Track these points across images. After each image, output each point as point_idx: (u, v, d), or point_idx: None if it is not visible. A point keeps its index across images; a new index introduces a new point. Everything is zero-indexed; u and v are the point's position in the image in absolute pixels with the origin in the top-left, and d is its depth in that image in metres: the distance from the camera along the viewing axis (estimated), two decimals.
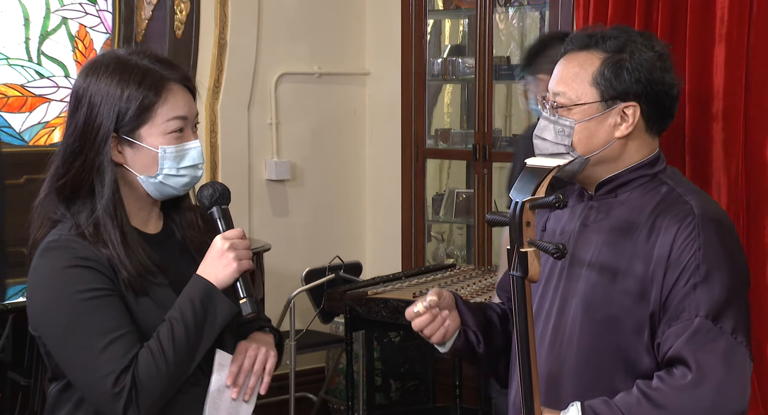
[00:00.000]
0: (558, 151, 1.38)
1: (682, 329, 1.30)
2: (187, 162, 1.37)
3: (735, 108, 2.67)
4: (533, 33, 3.66)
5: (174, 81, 1.37)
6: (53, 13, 3.38)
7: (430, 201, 3.75)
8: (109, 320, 1.30)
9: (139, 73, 1.35)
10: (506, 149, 3.51)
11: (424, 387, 3.45)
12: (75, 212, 1.36)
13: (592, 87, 1.36)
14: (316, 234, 3.72)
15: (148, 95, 1.34)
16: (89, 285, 1.31)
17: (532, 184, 1.21)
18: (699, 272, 1.31)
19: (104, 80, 1.35)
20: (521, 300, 1.22)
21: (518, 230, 1.20)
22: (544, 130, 1.40)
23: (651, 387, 1.30)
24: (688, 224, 1.34)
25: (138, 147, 1.35)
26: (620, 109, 1.37)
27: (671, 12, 2.76)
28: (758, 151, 2.65)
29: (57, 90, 3.42)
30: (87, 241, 1.34)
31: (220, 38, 3.44)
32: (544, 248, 1.19)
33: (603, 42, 1.38)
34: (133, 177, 1.37)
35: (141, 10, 3.44)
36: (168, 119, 1.35)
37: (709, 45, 2.69)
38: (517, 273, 1.21)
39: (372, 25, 3.80)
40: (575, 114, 1.37)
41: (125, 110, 1.34)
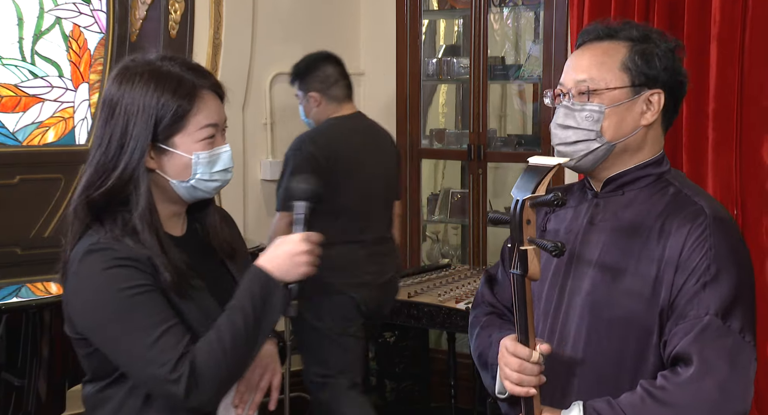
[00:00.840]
0: (585, 137, 1.36)
1: (689, 327, 1.30)
2: (219, 167, 1.40)
3: (728, 108, 2.67)
4: (528, 33, 3.67)
5: (206, 88, 1.40)
6: (47, 13, 3.37)
7: (425, 201, 3.75)
8: (155, 314, 1.31)
9: (173, 81, 1.37)
10: (501, 149, 3.51)
11: (419, 387, 3.45)
12: (108, 219, 1.37)
13: (622, 72, 1.37)
14: None
15: (183, 104, 1.36)
16: (131, 282, 1.32)
17: (533, 182, 1.21)
18: (709, 272, 1.32)
19: (139, 89, 1.36)
20: (521, 298, 1.22)
21: (519, 227, 1.20)
22: (566, 118, 1.38)
23: (655, 386, 1.30)
24: (699, 224, 1.34)
25: (172, 154, 1.38)
26: (647, 96, 1.38)
27: (668, 12, 2.77)
28: (754, 150, 2.66)
29: (51, 90, 3.40)
30: (125, 244, 1.35)
31: (214, 38, 3.44)
32: (543, 245, 1.19)
33: (622, 32, 1.39)
34: (165, 181, 1.39)
35: (135, 9, 3.44)
36: (201, 127, 1.38)
37: (705, 44, 2.70)
38: (518, 271, 1.21)
39: (367, 25, 3.80)
40: (605, 98, 1.36)
41: (161, 119, 1.36)
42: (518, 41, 3.71)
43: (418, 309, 2.87)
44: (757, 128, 2.63)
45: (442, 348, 3.57)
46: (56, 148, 3.40)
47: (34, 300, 2.40)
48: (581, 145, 1.37)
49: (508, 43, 3.73)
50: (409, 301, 2.91)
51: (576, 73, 1.38)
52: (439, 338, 3.66)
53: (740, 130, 2.66)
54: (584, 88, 1.37)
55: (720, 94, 2.66)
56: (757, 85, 2.62)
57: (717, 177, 2.67)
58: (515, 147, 3.47)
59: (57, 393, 2.30)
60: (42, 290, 2.59)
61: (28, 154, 3.31)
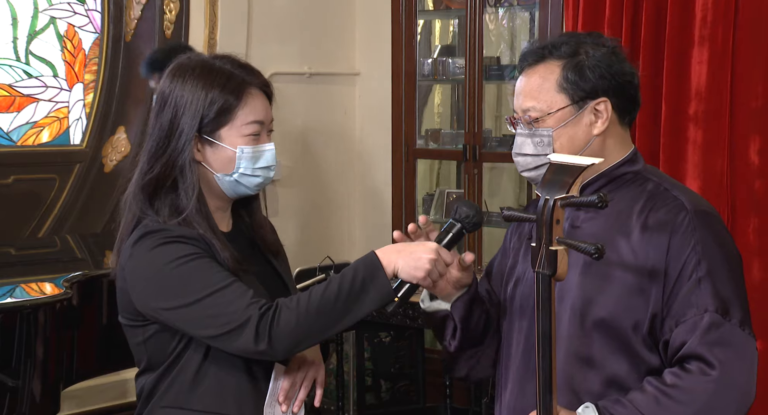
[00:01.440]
0: (542, 162, 1.40)
1: (692, 326, 1.31)
2: (262, 163, 1.44)
3: (720, 109, 2.68)
4: (523, 33, 3.67)
5: (254, 86, 1.44)
6: (41, 13, 3.36)
7: (421, 201, 3.75)
8: (214, 274, 1.35)
9: (222, 77, 1.42)
10: (496, 149, 3.52)
11: (414, 387, 3.45)
12: (158, 207, 1.41)
13: (559, 93, 1.39)
14: (307, 234, 3.71)
15: (230, 99, 1.41)
16: (184, 253, 1.36)
17: (564, 181, 1.20)
18: (700, 268, 1.33)
19: (189, 83, 1.42)
20: (546, 299, 1.20)
21: (549, 227, 1.18)
22: (522, 146, 1.43)
23: (667, 384, 1.31)
24: (682, 219, 1.35)
25: (217, 146, 1.42)
26: (592, 107, 1.39)
27: (655, 12, 2.78)
28: (743, 150, 2.67)
29: (45, 90, 3.40)
30: (177, 226, 1.39)
31: (209, 38, 3.44)
32: (581, 248, 1.17)
33: (556, 50, 1.41)
34: (210, 176, 1.43)
35: (130, 9, 3.43)
36: (246, 123, 1.42)
37: (687, 46, 2.71)
38: (546, 271, 1.19)
39: (362, 25, 3.80)
40: (550, 122, 1.39)
41: (207, 112, 1.41)
42: (513, 41, 3.71)
43: (414, 309, 2.87)
44: (746, 129, 2.65)
45: (437, 348, 3.57)
46: (51, 148, 3.39)
47: (29, 301, 2.39)
48: (542, 169, 1.39)
49: (504, 44, 3.73)
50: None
51: (521, 101, 1.43)
52: (434, 338, 3.66)
53: (731, 131, 2.67)
54: (528, 117, 1.41)
55: (710, 96, 2.67)
56: (747, 87, 2.63)
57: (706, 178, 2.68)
58: (510, 147, 3.47)
59: (51, 394, 2.29)
60: (36, 290, 2.58)
61: (22, 154, 3.31)
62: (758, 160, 2.62)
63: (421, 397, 3.45)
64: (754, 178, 2.63)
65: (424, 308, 1.49)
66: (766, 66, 2.60)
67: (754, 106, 2.62)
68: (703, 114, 2.68)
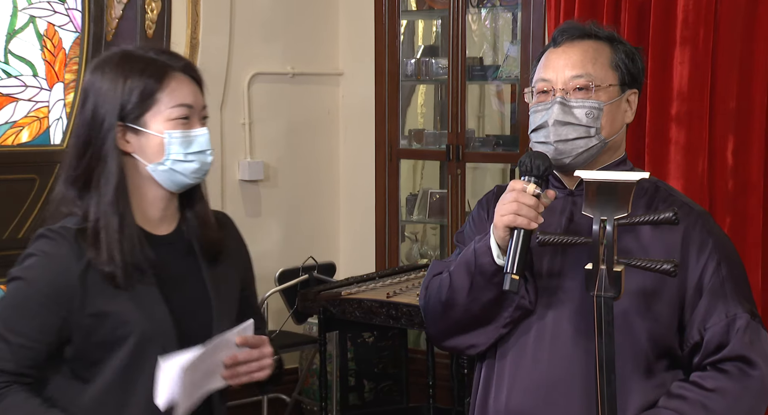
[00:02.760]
0: (585, 134, 1.35)
1: (726, 327, 1.31)
2: (194, 148, 1.37)
3: (700, 109, 2.71)
4: (506, 34, 3.68)
5: (177, 69, 1.38)
6: (21, 12, 3.33)
7: (404, 201, 3.75)
8: (19, 317, 1.33)
9: (142, 63, 1.37)
10: (479, 150, 3.53)
11: (397, 387, 3.46)
12: (85, 204, 1.37)
13: (612, 70, 1.38)
14: (290, 235, 3.71)
15: (149, 83, 1.36)
16: (37, 278, 1.34)
17: (617, 200, 1.17)
18: (721, 269, 1.33)
19: (109, 73, 1.37)
20: (609, 321, 1.16)
21: (610, 248, 1.15)
22: (566, 115, 1.34)
23: (708, 389, 1.31)
24: (694, 221, 1.35)
25: (144, 134, 1.36)
26: (628, 95, 1.40)
27: (637, 14, 2.80)
28: (721, 152, 2.70)
29: (25, 89, 3.36)
30: (80, 238, 1.35)
31: (192, 38, 3.42)
32: (655, 268, 1.14)
33: (600, 31, 1.40)
34: (143, 168, 1.38)
35: (111, 8, 3.40)
36: (172, 106, 1.36)
37: (669, 47, 2.73)
38: (608, 293, 1.15)
39: (345, 25, 3.80)
40: (603, 95, 1.36)
41: (128, 98, 1.36)
42: (496, 42, 3.72)
43: (397, 309, 2.87)
44: (723, 129, 2.68)
45: (420, 348, 3.57)
46: (30, 148, 3.36)
47: None
48: (580, 142, 1.35)
49: (486, 44, 3.74)
50: (387, 301, 2.91)
51: (570, 70, 1.37)
52: (417, 338, 3.67)
53: (711, 132, 2.70)
54: (583, 83, 1.35)
55: (692, 97, 2.70)
56: (725, 88, 2.66)
57: (688, 179, 2.70)
58: (493, 147, 3.49)
59: None
60: None
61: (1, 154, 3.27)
62: (732, 161, 2.65)
63: (405, 397, 3.45)
64: (729, 178, 2.66)
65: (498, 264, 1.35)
66: (741, 68, 2.63)
67: (731, 107, 2.65)
68: (685, 115, 2.70)
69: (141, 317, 1.35)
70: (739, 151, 2.64)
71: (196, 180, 1.40)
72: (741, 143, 2.64)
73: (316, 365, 3.43)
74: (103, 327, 1.34)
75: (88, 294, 1.34)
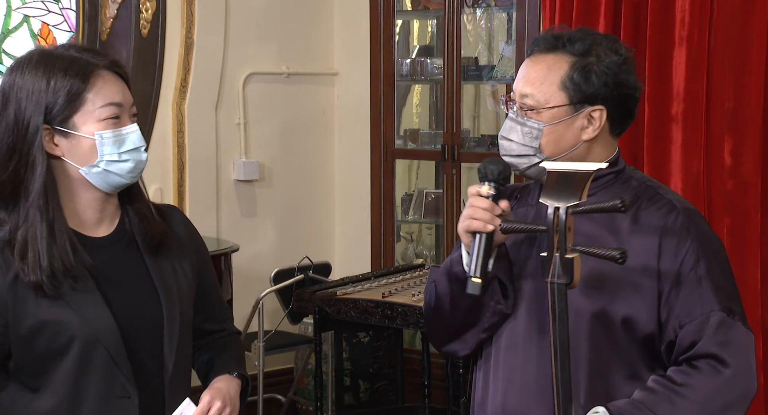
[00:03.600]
0: (525, 152, 1.38)
1: (700, 325, 1.32)
2: (128, 146, 1.33)
3: (696, 109, 2.71)
4: (501, 34, 3.69)
5: (102, 68, 1.34)
6: (15, 11, 3.32)
7: (399, 201, 3.75)
8: None
9: (64, 62, 1.32)
10: (475, 149, 3.53)
11: (392, 387, 3.46)
12: (12, 212, 1.33)
13: (560, 91, 1.37)
14: (285, 235, 3.70)
15: (75, 82, 1.31)
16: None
17: (571, 188, 1.18)
18: (700, 267, 1.33)
19: (29, 74, 1.32)
20: (562, 308, 1.17)
21: (562, 235, 1.16)
22: (510, 132, 1.40)
23: (677, 383, 1.31)
24: (674, 219, 1.35)
25: (73, 137, 1.32)
26: (588, 112, 1.37)
27: (634, 14, 2.80)
28: (718, 152, 2.70)
29: None
30: (8, 249, 1.31)
31: (186, 37, 3.41)
32: (603, 254, 1.15)
33: (570, 44, 1.38)
34: (75, 171, 1.33)
35: (105, 8, 3.40)
36: (100, 106, 1.32)
37: (668, 47, 2.74)
38: (562, 280, 1.16)
39: (340, 25, 3.80)
40: (544, 117, 1.37)
41: (54, 100, 1.31)
42: (491, 42, 3.73)
43: (392, 309, 2.87)
44: (720, 130, 2.68)
45: (416, 348, 3.57)
46: None
47: None
48: (524, 159, 1.39)
49: (482, 44, 3.75)
50: (383, 301, 2.91)
51: (522, 86, 1.39)
52: (413, 338, 3.67)
53: (707, 132, 2.70)
54: (528, 103, 1.38)
55: (688, 97, 2.70)
56: (721, 88, 2.67)
57: (685, 178, 2.71)
58: (489, 147, 3.49)
59: None
60: None
61: None
62: (731, 161, 2.66)
63: (400, 397, 3.45)
64: (727, 178, 2.67)
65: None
66: (737, 68, 2.64)
67: (728, 107, 2.66)
68: (682, 114, 2.71)
69: (81, 323, 1.32)
70: (737, 151, 2.65)
71: (132, 179, 1.36)
72: (739, 143, 2.64)
73: (311, 365, 3.43)
74: (43, 337, 1.32)
75: (22, 305, 1.31)
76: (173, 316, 1.39)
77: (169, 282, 1.41)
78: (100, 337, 1.32)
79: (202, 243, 1.52)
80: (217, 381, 1.44)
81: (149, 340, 1.37)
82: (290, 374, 3.64)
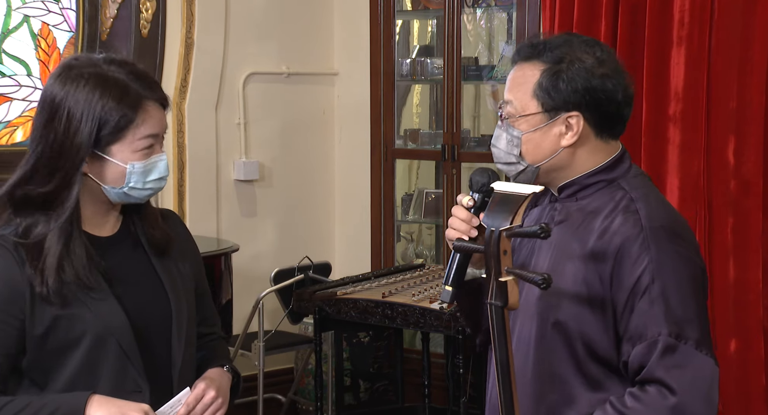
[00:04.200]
0: (510, 160, 1.41)
1: (648, 348, 1.30)
2: (154, 176, 1.39)
3: (696, 109, 2.71)
4: (501, 34, 3.69)
5: (151, 100, 1.38)
6: (15, 11, 3.32)
7: (399, 201, 3.75)
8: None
9: (118, 90, 1.35)
10: (475, 149, 3.53)
11: (393, 387, 3.46)
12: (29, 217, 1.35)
13: (533, 99, 1.37)
14: (285, 235, 3.70)
15: (127, 114, 1.35)
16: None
17: (507, 211, 1.19)
18: (654, 288, 1.30)
19: (83, 94, 1.34)
20: (500, 329, 1.18)
21: (497, 259, 1.17)
22: (498, 139, 1.42)
23: (627, 406, 1.31)
24: (636, 235, 1.33)
25: (107, 162, 1.36)
26: (564, 118, 1.37)
27: (631, 14, 2.80)
28: (720, 151, 2.70)
29: (19, 89, 3.36)
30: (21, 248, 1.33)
31: (186, 37, 3.41)
32: (528, 278, 1.16)
33: (544, 52, 1.38)
34: (96, 185, 1.38)
35: (106, 8, 3.40)
36: (140, 138, 1.36)
37: (666, 47, 2.74)
38: (498, 302, 1.17)
39: (340, 25, 3.80)
40: (521, 124, 1.38)
41: (102, 127, 1.34)
42: (491, 42, 3.73)
43: (392, 309, 2.87)
44: (723, 129, 2.68)
45: (416, 348, 3.57)
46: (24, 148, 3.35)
47: None
48: (511, 166, 1.40)
49: (482, 44, 3.75)
50: (383, 301, 2.91)
51: (507, 93, 1.41)
52: (413, 338, 3.67)
53: (708, 131, 2.70)
54: (508, 110, 1.39)
55: (687, 96, 2.70)
56: (724, 87, 2.66)
57: (684, 179, 2.71)
58: (488, 147, 3.47)
59: None
60: None
61: None
62: (734, 161, 2.66)
63: (400, 397, 3.45)
64: (730, 178, 2.66)
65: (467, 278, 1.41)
66: (740, 67, 2.64)
67: (731, 106, 2.66)
68: (681, 114, 2.71)
69: (94, 317, 1.35)
70: (739, 151, 2.64)
71: (143, 200, 1.42)
72: (742, 143, 2.64)
73: (311, 365, 3.43)
74: (57, 331, 1.34)
75: (38, 300, 1.34)
76: (181, 312, 1.43)
77: (175, 280, 1.45)
78: (112, 331, 1.36)
79: (197, 249, 1.57)
80: (211, 372, 1.48)
81: (159, 335, 1.41)
82: (290, 374, 3.64)
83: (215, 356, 1.53)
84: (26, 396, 1.33)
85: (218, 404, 1.43)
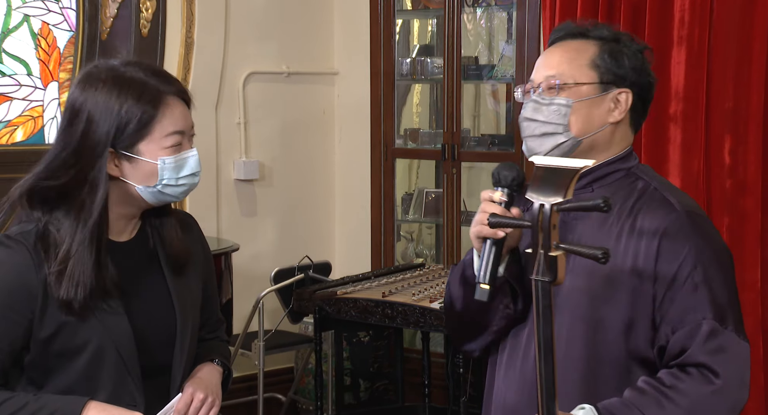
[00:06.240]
0: (552, 131, 1.37)
1: (690, 333, 1.31)
2: (186, 171, 1.39)
3: (696, 109, 2.72)
4: (501, 33, 3.69)
5: (171, 94, 1.37)
6: (15, 10, 3.32)
7: (400, 201, 3.76)
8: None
9: (137, 87, 1.35)
10: (475, 149, 3.53)
11: (393, 387, 3.46)
12: (52, 219, 1.35)
13: (590, 70, 1.38)
14: (285, 234, 3.70)
15: (147, 110, 1.34)
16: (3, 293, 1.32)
17: (557, 185, 1.16)
18: (697, 273, 1.32)
19: (102, 95, 1.34)
20: (546, 305, 1.16)
21: (546, 232, 1.15)
22: (535, 112, 1.39)
23: (666, 386, 1.31)
24: (673, 222, 1.34)
25: (136, 160, 1.36)
26: (615, 94, 1.39)
27: (632, 13, 2.80)
28: (718, 151, 2.70)
29: (19, 88, 3.36)
30: (40, 247, 1.33)
31: (186, 37, 3.41)
32: (586, 253, 1.13)
33: (596, 30, 1.41)
34: (130, 187, 1.37)
35: (106, 7, 3.40)
36: (167, 134, 1.36)
37: (667, 46, 2.74)
38: (546, 278, 1.15)
39: (341, 24, 3.80)
40: (573, 93, 1.38)
41: (124, 125, 1.34)
42: (491, 41, 3.73)
43: (393, 308, 2.87)
44: (720, 129, 2.68)
45: (416, 347, 3.58)
46: (25, 147, 3.35)
47: None
48: (549, 139, 1.38)
49: (482, 44, 3.75)
50: (383, 300, 2.91)
51: (546, 69, 1.40)
52: (413, 338, 3.67)
53: (707, 131, 2.70)
54: (553, 82, 1.38)
55: (687, 96, 2.70)
56: (721, 87, 2.67)
57: (684, 178, 2.71)
58: (489, 147, 3.49)
59: None
60: None
61: None
62: (729, 160, 2.66)
63: (400, 396, 3.45)
64: (726, 177, 2.67)
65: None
66: (737, 67, 2.64)
67: (727, 106, 2.66)
68: (681, 114, 2.71)
69: (100, 326, 1.35)
70: (736, 151, 2.65)
71: (180, 198, 1.41)
72: (738, 143, 2.64)
73: (311, 365, 3.43)
74: (61, 336, 1.34)
75: (49, 303, 1.34)
76: (185, 331, 1.43)
77: (185, 299, 1.45)
78: (116, 344, 1.36)
79: (210, 253, 1.57)
80: (199, 370, 1.48)
81: (160, 352, 1.40)
82: (290, 374, 3.64)
83: (206, 350, 1.52)
84: (24, 394, 1.33)
85: (209, 403, 1.43)
